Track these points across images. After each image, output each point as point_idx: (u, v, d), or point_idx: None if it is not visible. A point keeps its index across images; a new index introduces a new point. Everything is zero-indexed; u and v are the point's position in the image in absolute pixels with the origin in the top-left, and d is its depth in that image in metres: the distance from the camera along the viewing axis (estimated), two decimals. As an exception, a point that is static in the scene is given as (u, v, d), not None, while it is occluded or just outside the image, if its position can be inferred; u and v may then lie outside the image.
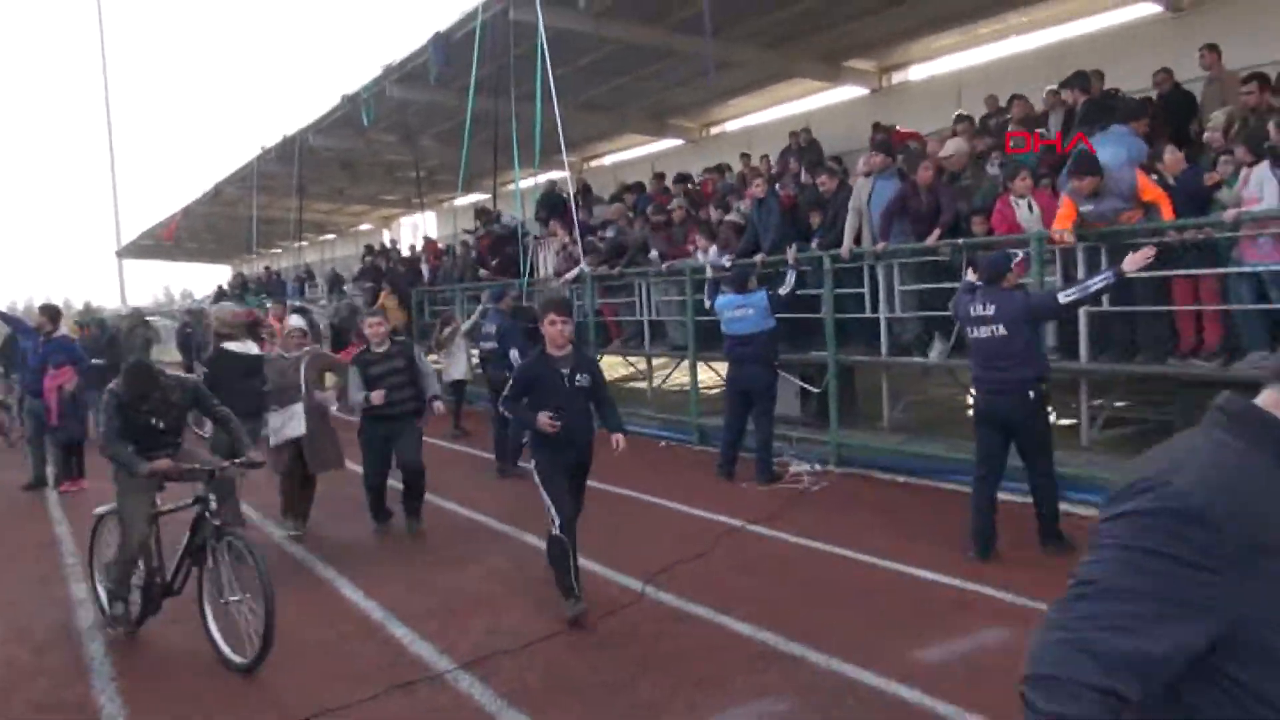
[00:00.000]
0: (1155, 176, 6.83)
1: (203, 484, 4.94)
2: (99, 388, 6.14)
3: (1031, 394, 5.62)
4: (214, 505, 4.94)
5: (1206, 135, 7.52)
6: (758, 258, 9.47)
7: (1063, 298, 5.55)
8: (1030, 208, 7.36)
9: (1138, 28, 12.16)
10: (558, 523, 5.16)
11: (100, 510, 5.51)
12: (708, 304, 8.88)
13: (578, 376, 5.31)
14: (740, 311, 8.35)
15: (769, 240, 9.66)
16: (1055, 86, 9.97)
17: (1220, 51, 8.80)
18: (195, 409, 5.70)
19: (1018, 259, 6.23)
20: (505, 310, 9.89)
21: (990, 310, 5.67)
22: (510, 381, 5.47)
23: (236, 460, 5.17)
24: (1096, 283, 5.50)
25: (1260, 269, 6.04)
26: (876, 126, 12.93)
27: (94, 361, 10.75)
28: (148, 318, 18.75)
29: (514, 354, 9.31)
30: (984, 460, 5.89)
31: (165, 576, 5.14)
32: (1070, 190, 6.81)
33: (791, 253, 8.80)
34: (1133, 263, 5.46)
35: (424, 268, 18.53)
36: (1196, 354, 6.48)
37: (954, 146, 8.79)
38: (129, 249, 38.81)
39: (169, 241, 32.50)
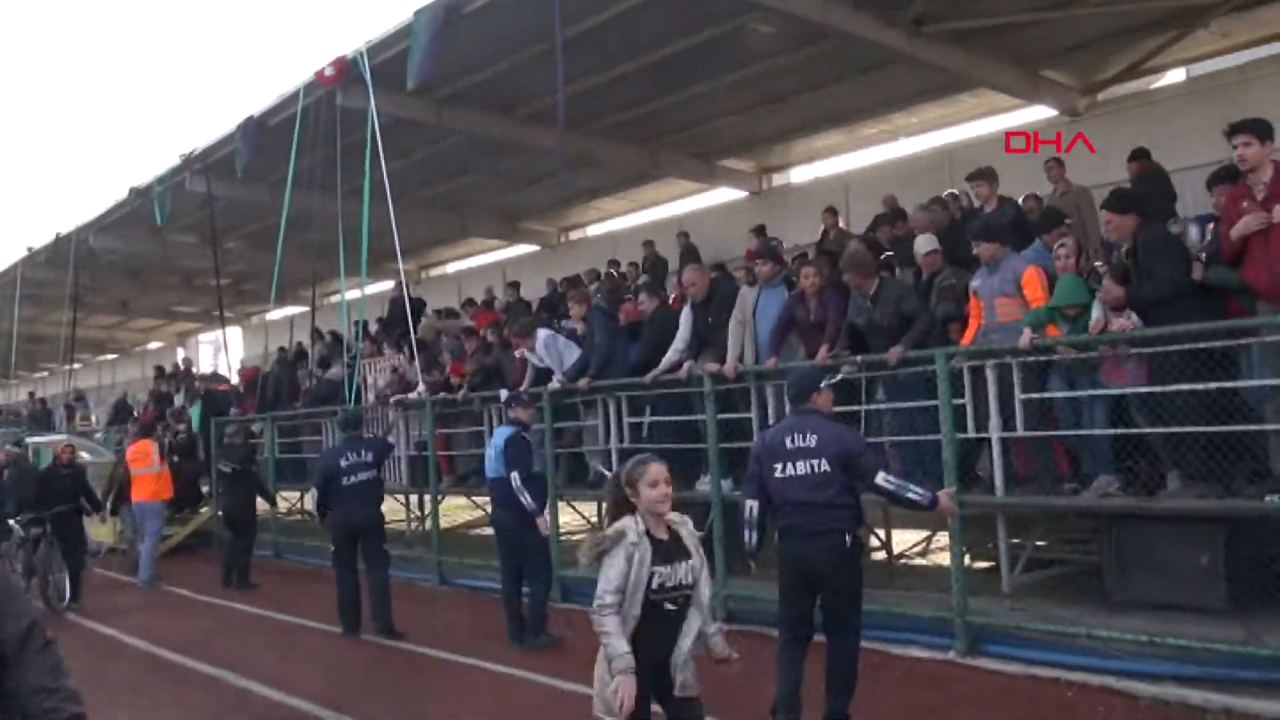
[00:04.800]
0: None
1: None
2: None
3: (848, 540, 4.89)
4: None
5: None
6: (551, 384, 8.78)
7: (880, 478, 4.90)
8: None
9: (1033, 132, 11.38)
10: None
11: None
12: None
13: None
14: (493, 450, 7.42)
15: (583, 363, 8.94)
16: (954, 189, 9.29)
17: (1064, 165, 8.77)
18: None
19: (833, 379, 5.55)
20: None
21: (811, 442, 4.89)
22: None
23: None
24: (912, 494, 4.98)
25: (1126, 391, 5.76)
26: (759, 230, 11.78)
27: None
28: None
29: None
30: (792, 622, 5.06)
31: None
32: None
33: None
34: (946, 505, 5.08)
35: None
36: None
37: (928, 243, 7.51)
38: None
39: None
